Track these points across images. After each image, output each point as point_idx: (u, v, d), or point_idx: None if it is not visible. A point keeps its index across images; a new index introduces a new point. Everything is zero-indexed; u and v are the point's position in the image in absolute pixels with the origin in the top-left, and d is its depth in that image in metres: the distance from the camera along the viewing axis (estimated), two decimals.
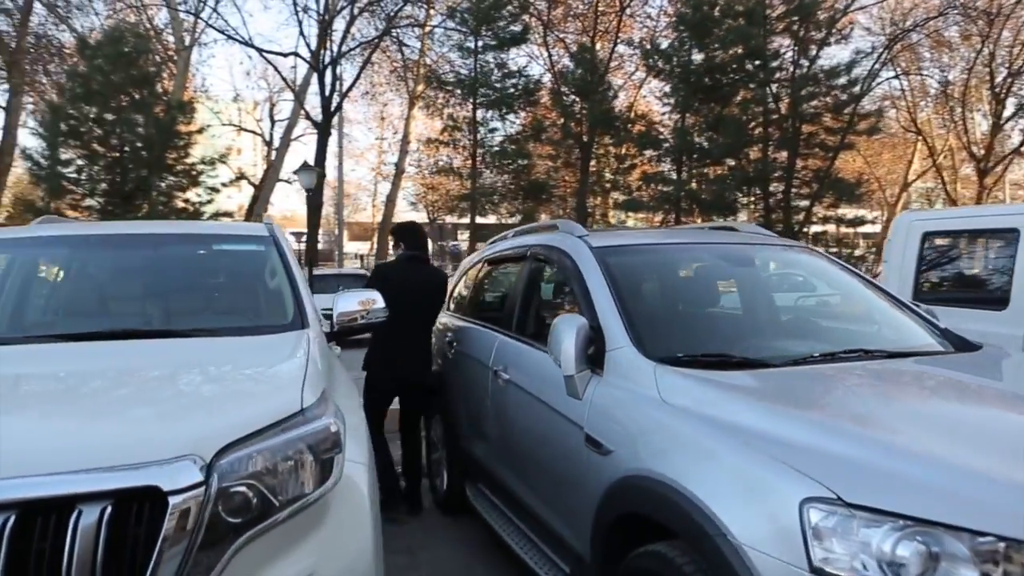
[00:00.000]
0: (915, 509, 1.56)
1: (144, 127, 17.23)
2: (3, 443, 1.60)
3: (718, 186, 17.53)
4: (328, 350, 2.87)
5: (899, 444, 1.81)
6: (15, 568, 1.47)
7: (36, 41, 26.97)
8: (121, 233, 3.38)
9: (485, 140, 20.60)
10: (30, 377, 2.18)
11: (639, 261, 3.17)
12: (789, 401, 2.14)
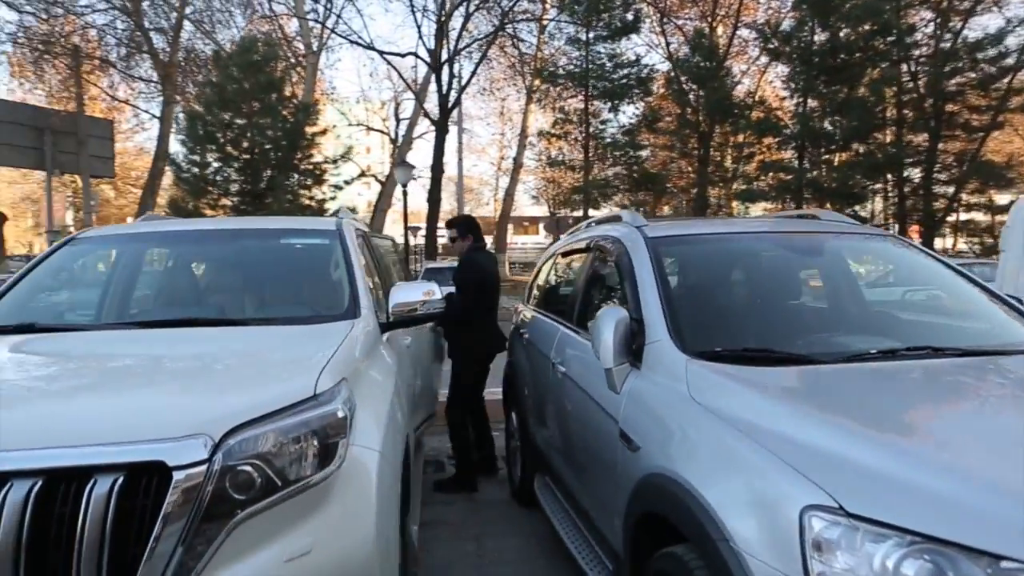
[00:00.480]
0: (926, 525, 1.39)
1: (272, 130, 18.38)
2: (36, 418, 1.78)
3: (843, 173, 16.43)
4: (376, 339, 2.95)
5: (926, 454, 1.62)
6: (38, 529, 1.62)
7: (185, 55, 29.42)
8: (200, 229, 3.64)
9: (597, 132, 20.41)
10: (82, 359, 2.39)
11: (694, 251, 3.04)
12: (819, 401, 1.99)
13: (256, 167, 18.62)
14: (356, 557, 1.87)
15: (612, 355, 2.51)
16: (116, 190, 40.46)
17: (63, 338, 2.64)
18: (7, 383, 2.14)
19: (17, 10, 26.09)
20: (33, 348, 2.53)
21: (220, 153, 18.40)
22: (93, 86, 29.87)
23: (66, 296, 3.18)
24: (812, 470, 1.60)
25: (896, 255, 3.35)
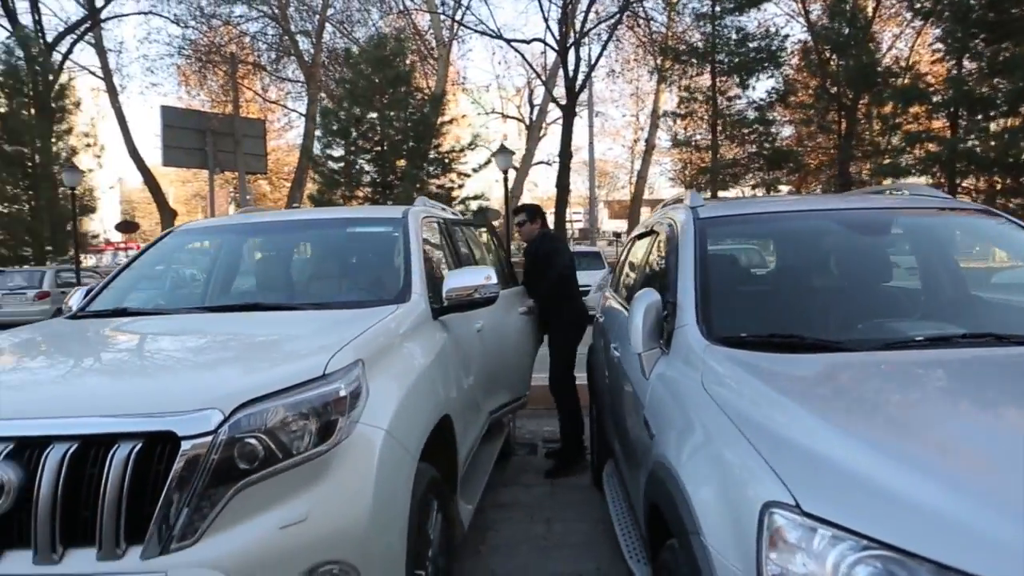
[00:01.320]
0: (884, 532, 1.28)
1: (401, 121, 19.16)
2: (79, 390, 2.03)
3: (1006, 141, 14.73)
4: (424, 322, 3.06)
5: (909, 458, 1.46)
6: (71, 485, 1.86)
7: (327, 55, 31.17)
8: (277, 220, 3.91)
9: (725, 110, 19.59)
10: (139, 341, 2.67)
11: (743, 232, 2.91)
12: (822, 394, 1.87)
13: (386, 158, 19.48)
14: (348, 528, 1.98)
15: (642, 340, 2.48)
16: (271, 184, 43.60)
17: (136, 322, 2.95)
18: (70, 360, 2.45)
19: (184, 25, 28.74)
20: (107, 331, 2.85)
21: (352, 146, 19.41)
22: (248, 89, 32.36)
23: (159, 283, 3.53)
24: (784, 467, 1.51)
25: (987, 230, 3.02)
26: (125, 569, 1.82)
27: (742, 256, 2.86)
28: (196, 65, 30.19)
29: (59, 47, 25.46)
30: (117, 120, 27.20)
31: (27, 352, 2.59)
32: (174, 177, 51.23)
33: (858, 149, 20.38)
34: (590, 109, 32.43)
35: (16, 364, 2.43)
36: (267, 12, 30.12)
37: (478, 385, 3.87)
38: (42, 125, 20.20)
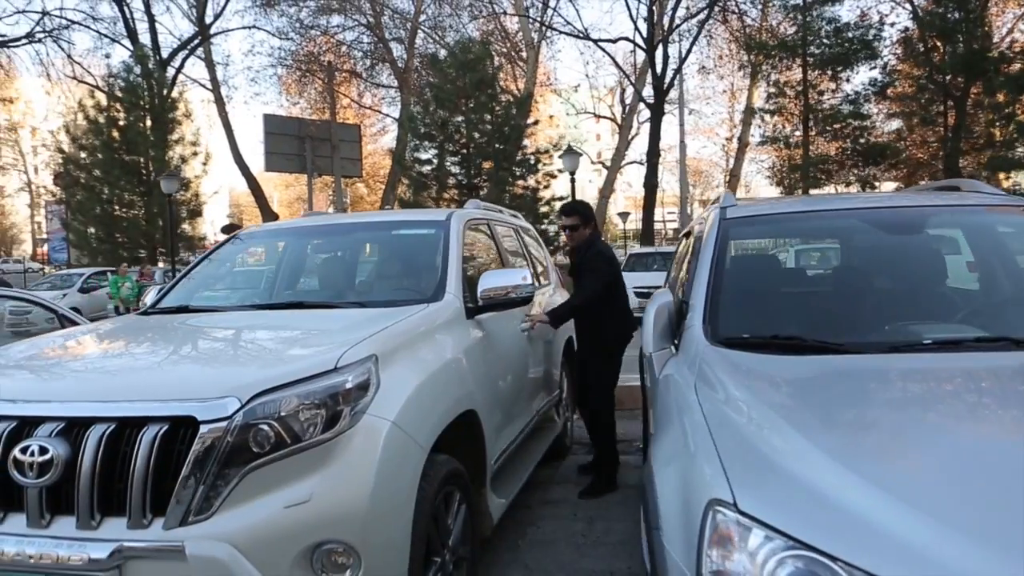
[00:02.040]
0: (811, 534, 1.29)
1: (484, 124, 19.50)
2: (120, 378, 2.27)
3: None
4: (454, 320, 3.18)
5: (865, 463, 1.44)
6: (108, 463, 2.09)
7: (420, 60, 32.04)
8: (329, 224, 4.16)
9: (817, 104, 18.80)
10: (185, 335, 2.93)
11: (767, 232, 2.89)
12: (799, 396, 1.86)
13: (472, 160, 19.86)
14: (348, 510, 2.12)
15: (652, 340, 2.52)
16: (368, 187, 45.17)
17: (189, 318, 3.23)
18: (120, 351, 2.73)
19: (284, 37, 30.23)
20: (160, 326, 3.14)
21: (439, 149, 19.90)
22: (344, 96, 33.66)
23: (221, 282, 3.83)
24: (735, 467, 1.54)
25: None
26: (149, 538, 2.04)
27: (772, 256, 2.82)
28: (296, 74, 31.73)
29: (173, 62, 27.37)
30: (224, 129, 28.99)
31: (87, 343, 2.90)
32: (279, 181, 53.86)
33: (966, 142, 19.14)
34: (681, 107, 31.79)
35: (74, 354, 2.73)
36: (362, 21, 31.30)
37: (520, 383, 3.96)
38: (156, 135, 21.77)
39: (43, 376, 2.50)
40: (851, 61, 18.07)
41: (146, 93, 21.98)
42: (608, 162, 35.20)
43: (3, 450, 2.16)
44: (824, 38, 18.21)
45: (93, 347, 2.83)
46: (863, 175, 18.17)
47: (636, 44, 25.73)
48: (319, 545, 2.11)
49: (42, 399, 2.27)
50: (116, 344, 2.88)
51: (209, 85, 29.19)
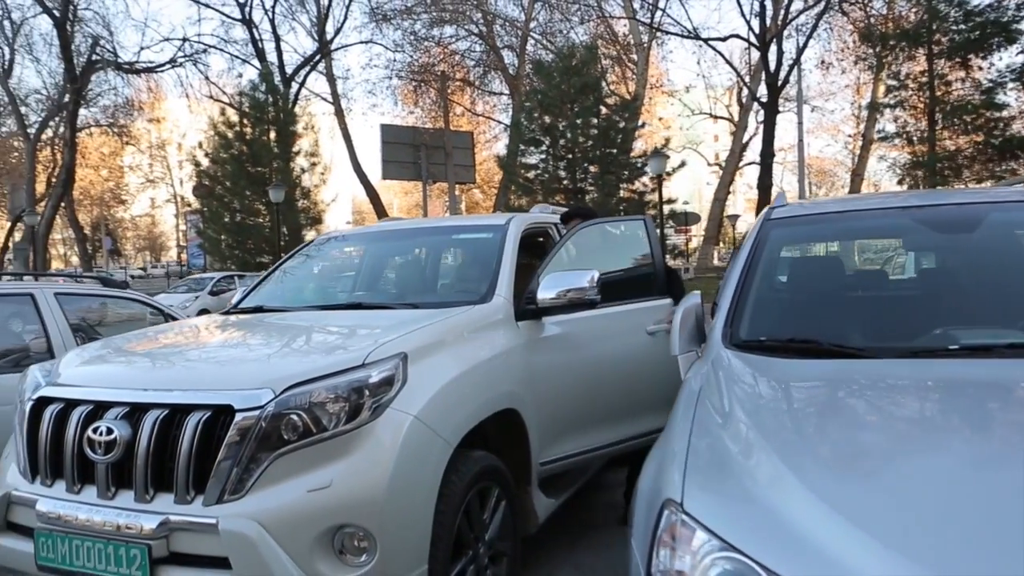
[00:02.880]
0: (742, 540, 1.30)
1: (589, 128, 19.53)
2: (175, 369, 2.53)
3: None
4: (499, 323, 3.27)
5: (817, 473, 1.42)
6: (160, 443, 2.34)
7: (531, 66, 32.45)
8: (392, 229, 4.36)
9: (943, 96, 17.46)
10: (245, 331, 3.18)
11: (808, 233, 2.80)
12: (791, 402, 1.83)
13: (577, 165, 19.94)
14: (366, 497, 2.26)
15: (678, 343, 2.52)
16: (483, 193, 46.14)
17: (255, 317, 3.50)
18: (186, 346, 3.02)
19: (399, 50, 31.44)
20: (229, 324, 3.43)
21: (545, 154, 20.12)
22: (457, 104, 34.59)
23: (296, 283, 4.11)
24: (698, 471, 1.56)
25: None
26: (191, 512, 2.27)
27: (809, 258, 2.73)
28: (411, 85, 32.92)
29: (296, 78, 29.12)
30: (344, 140, 30.49)
31: (161, 339, 3.22)
32: (398, 189, 56.01)
33: None
34: (799, 104, 30.47)
35: (147, 347, 3.05)
36: (474, 31, 32.07)
37: (603, 394, 3.78)
38: (280, 148, 23.26)
39: (118, 366, 2.82)
40: (985, 47, 16.68)
41: (271, 108, 23.52)
42: (723, 161, 34.23)
43: (80, 430, 2.46)
44: (952, 24, 16.92)
45: (165, 342, 3.14)
46: (999, 171, 16.73)
47: (747, 41, 24.93)
48: (339, 528, 2.27)
49: (113, 386, 2.57)
50: (184, 339, 3.18)
51: (330, 98, 30.82)
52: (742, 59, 31.84)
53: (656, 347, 3.88)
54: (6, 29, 28.80)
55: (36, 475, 2.58)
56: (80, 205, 41.27)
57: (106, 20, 28.87)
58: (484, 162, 37.28)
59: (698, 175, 49.80)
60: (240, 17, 28.08)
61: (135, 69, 28.45)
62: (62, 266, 52.13)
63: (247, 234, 22.36)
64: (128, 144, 34.40)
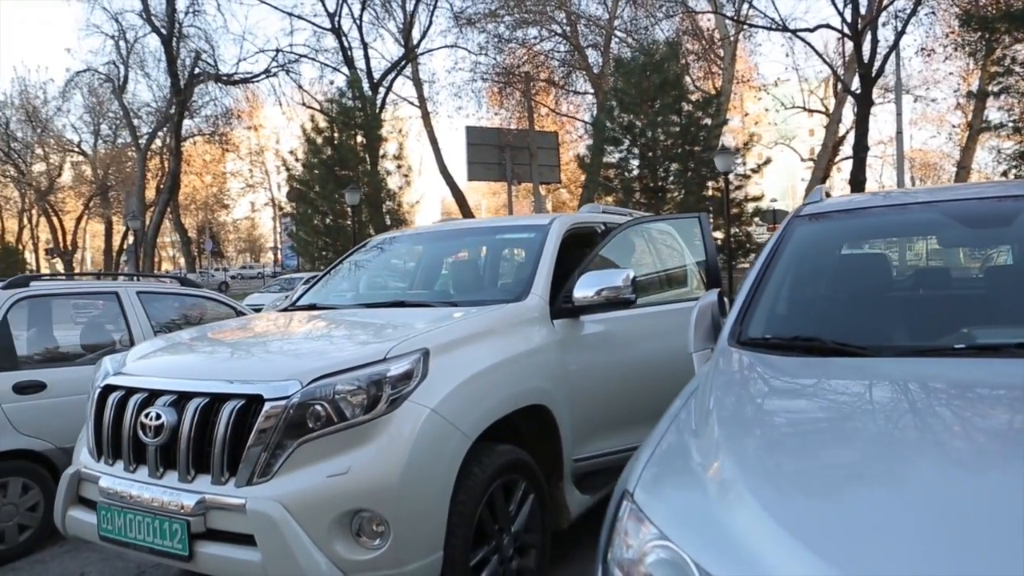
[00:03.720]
0: (677, 532, 1.34)
1: (668, 126, 19.22)
2: (213, 361, 2.76)
3: None
4: (532, 321, 3.35)
5: (768, 475, 1.43)
6: (200, 429, 2.56)
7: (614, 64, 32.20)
8: (438, 230, 4.51)
9: None
10: (282, 328, 3.40)
11: (833, 229, 2.74)
12: (766, 401, 1.83)
13: (655, 163, 19.67)
14: (380, 484, 2.39)
15: (693, 341, 2.54)
16: (570, 193, 46.10)
17: (307, 315, 3.71)
18: (233, 341, 3.25)
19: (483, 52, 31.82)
20: (277, 321, 3.65)
21: (624, 153, 19.95)
22: (541, 104, 34.69)
23: (347, 283, 4.32)
24: (657, 465, 1.60)
25: None
26: (225, 492, 2.47)
27: (831, 255, 2.68)
28: (496, 87, 33.24)
29: (383, 83, 29.96)
30: (430, 142, 31.14)
31: (216, 334, 3.47)
32: (486, 190, 56.65)
33: None
34: (897, 94, 28.96)
35: (200, 341, 3.30)
36: (558, 31, 32.10)
37: (617, 393, 3.76)
38: (367, 152, 24.02)
39: (171, 358, 3.08)
40: None
41: (359, 114, 24.33)
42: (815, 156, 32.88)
43: (135, 415, 2.71)
44: None
45: (215, 336, 3.39)
46: None
47: (838, 31, 23.85)
48: (357, 512, 2.41)
49: (165, 376, 2.82)
50: (232, 334, 3.42)
51: (416, 102, 31.54)
52: (836, 49, 30.55)
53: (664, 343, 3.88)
54: (121, 49, 31.05)
55: (101, 455, 2.86)
56: (186, 210, 43.96)
57: (207, 35, 30.47)
58: (570, 162, 37.18)
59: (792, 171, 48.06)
60: (330, 26, 29.18)
61: (233, 80, 30.06)
62: (171, 267, 55.74)
63: (336, 235, 23.20)
64: (229, 151, 36.39)
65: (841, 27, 23.80)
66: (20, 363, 4.21)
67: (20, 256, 44.40)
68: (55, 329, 4.76)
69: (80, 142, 40.68)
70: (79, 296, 5.02)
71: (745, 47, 31.88)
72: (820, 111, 37.27)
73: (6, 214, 47.41)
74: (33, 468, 4.09)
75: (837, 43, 30.24)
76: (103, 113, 36.82)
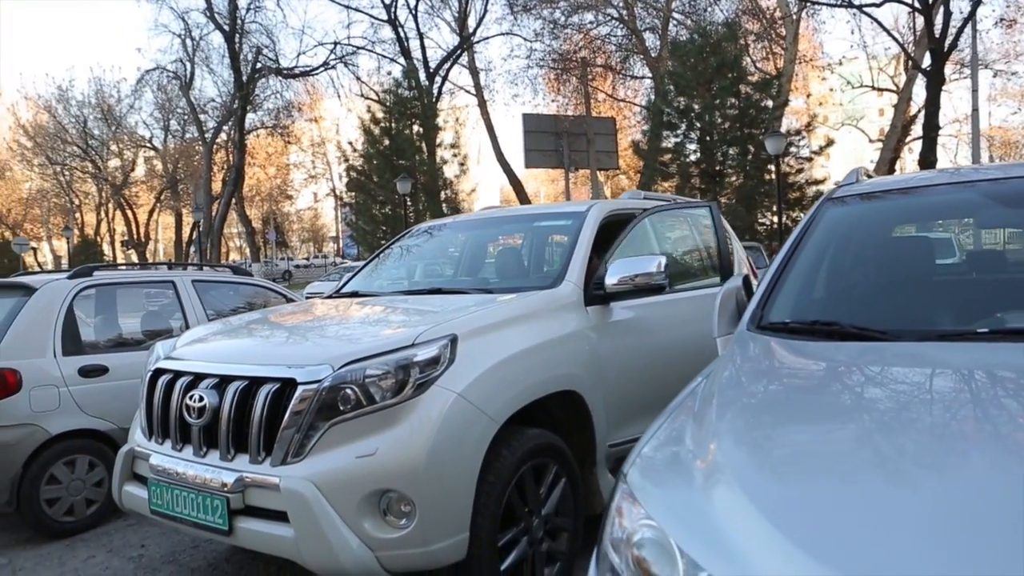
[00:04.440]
0: (663, 515, 1.35)
1: (724, 108, 18.83)
2: (252, 346, 2.89)
3: None
4: (565, 307, 3.36)
5: (759, 461, 1.43)
6: (240, 410, 2.68)
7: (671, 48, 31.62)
8: (480, 218, 4.56)
9: None
10: (317, 315, 3.51)
11: (865, 212, 2.67)
12: (784, 383, 1.81)
13: (712, 147, 19.32)
14: (406, 465, 2.46)
15: (717, 326, 2.53)
16: (629, 179, 45.64)
17: (346, 302, 3.82)
18: (274, 327, 3.38)
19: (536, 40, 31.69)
20: (317, 307, 3.76)
21: (680, 137, 19.66)
22: (598, 90, 34.37)
23: (390, 271, 4.42)
24: (653, 447, 1.62)
25: None
26: (261, 471, 2.58)
27: (849, 237, 2.62)
28: (552, 73, 33.09)
29: (440, 72, 30.21)
30: (487, 130, 31.28)
31: (260, 320, 3.61)
32: (544, 177, 56.53)
33: None
34: (973, 69, 27.59)
35: (244, 328, 3.43)
36: (615, 16, 31.69)
37: (651, 378, 3.72)
38: (426, 141, 24.32)
39: (215, 343, 3.22)
40: None
41: (416, 103, 24.63)
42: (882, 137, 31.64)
43: (181, 397, 2.86)
44: None
45: (259, 323, 3.53)
46: None
47: (908, 5, 22.81)
48: (384, 492, 2.49)
49: (209, 360, 2.96)
50: (274, 321, 3.56)
51: (473, 91, 31.70)
52: (907, 24, 29.28)
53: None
54: (187, 46, 32.20)
55: (151, 434, 3.03)
56: (250, 201, 45.36)
57: (268, 30, 31.58)
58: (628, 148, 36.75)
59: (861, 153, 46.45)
60: (387, 18, 29.58)
61: (294, 74, 30.87)
62: (237, 257, 57.62)
63: (394, 224, 23.63)
64: (291, 143, 37.36)
65: (912, 1, 22.83)
66: (85, 348, 4.46)
67: (98, 248, 46.60)
68: (119, 316, 5.03)
69: (151, 137, 42.52)
70: (139, 285, 5.27)
71: (808, 25, 30.86)
72: (890, 90, 35.81)
73: (85, 208, 49.85)
74: (98, 447, 4.34)
75: (907, 17, 29.00)
76: (172, 109, 38.29)
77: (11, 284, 4.70)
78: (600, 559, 1.46)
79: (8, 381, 4.08)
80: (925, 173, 3.04)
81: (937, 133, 22.49)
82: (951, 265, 2.38)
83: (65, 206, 48.03)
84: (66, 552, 4.02)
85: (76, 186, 46.60)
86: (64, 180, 45.16)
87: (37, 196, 47.19)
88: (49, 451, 4.18)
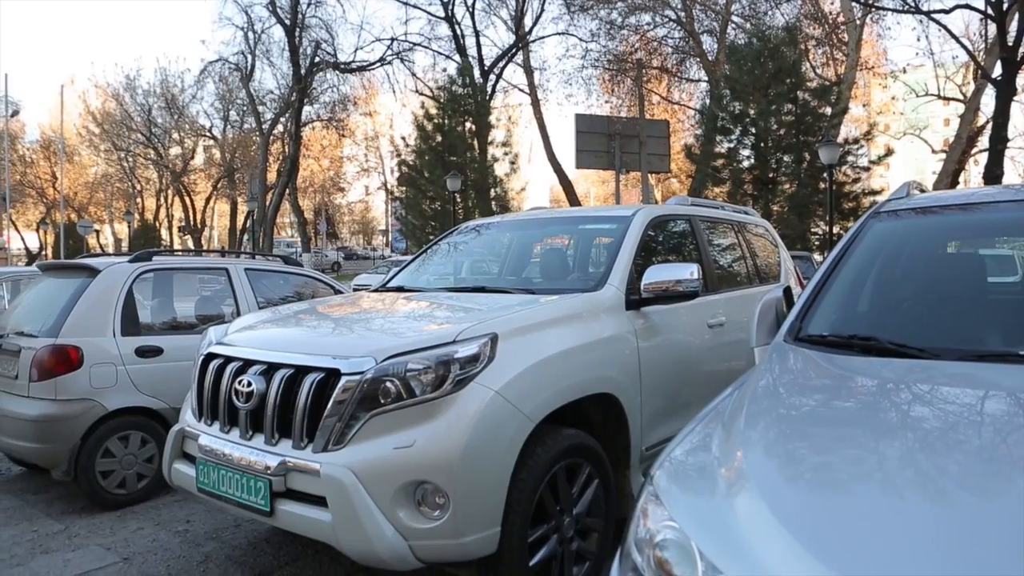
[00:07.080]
0: (686, 519, 1.38)
1: (781, 115, 18.49)
2: (299, 336, 3.00)
3: None
4: (607, 311, 3.39)
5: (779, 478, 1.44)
6: (285, 397, 2.77)
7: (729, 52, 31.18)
8: (525, 219, 4.60)
9: None
10: (364, 309, 3.59)
11: (910, 227, 2.64)
12: (814, 397, 1.81)
13: (766, 155, 19.01)
14: (442, 459, 2.52)
15: (755, 336, 2.54)
16: (680, 183, 45.18)
17: (392, 296, 3.90)
18: (321, 318, 3.48)
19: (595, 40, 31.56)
20: (364, 301, 3.85)
21: (734, 143, 19.39)
22: (653, 92, 34.08)
23: (435, 267, 4.50)
24: (682, 451, 1.65)
25: None
26: (304, 457, 2.68)
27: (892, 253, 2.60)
28: (607, 74, 32.94)
29: (494, 70, 30.36)
30: (539, 130, 31.28)
31: (308, 311, 3.71)
32: (595, 178, 56.37)
33: None
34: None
35: (292, 318, 3.54)
36: (672, 17, 31.38)
37: (688, 381, 3.81)
38: (477, 139, 24.49)
39: (265, 331, 3.33)
40: None
41: (470, 101, 24.81)
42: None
43: (231, 381, 2.98)
44: None
45: (308, 313, 3.64)
46: None
47: (979, 11, 22.05)
48: (420, 483, 2.56)
49: (258, 347, 3.07)
50: (321, 312, 3.66)
51: (527, 89, 31.76)
52: (978, 31, 28.26)
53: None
54: (249, 39, 33.03)
55: (201, 415, 3.16)
56: (304, 193, 46.36)
57: (327, 25, 32.18)
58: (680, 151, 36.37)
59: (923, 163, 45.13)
60: (444, 15, 29.86)
61: (351, 68, 31.41)
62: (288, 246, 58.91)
63: (442, 220, 23.89)
64: (345, 137, 38.06)
65: (984, 8, 22.05)
66: (142, 329, 4.66)
67: (157, 232, 48.14)
68: (175, 300, 5.23)
69: (211, 127, 43.78)
70: (194, 271, 5.47)
71: (872, 31, 30.05)
72: (957, 99, 34.64)
73: (146, 193, 51.54)
74: (150, 424, 4.53)
75: (979, 25, 28.00)
76: (232, 100, 39.37)
77: (78, 265, 4.93)
78: (624, 557, 1.49)
79: (71, 357, 4.28)
80: (977, 190, 2.98)
81: (1005, 146, 21.65)
82: (1007, 284, 2.32)
83: (127, 191, 49.79)
84: (117, 523, 4.21)
85: (138, 172, 48.26)
86: (127, 166, 46.80)
87: (102, 180, 49.03)
88: (105, 426, 4.38)
